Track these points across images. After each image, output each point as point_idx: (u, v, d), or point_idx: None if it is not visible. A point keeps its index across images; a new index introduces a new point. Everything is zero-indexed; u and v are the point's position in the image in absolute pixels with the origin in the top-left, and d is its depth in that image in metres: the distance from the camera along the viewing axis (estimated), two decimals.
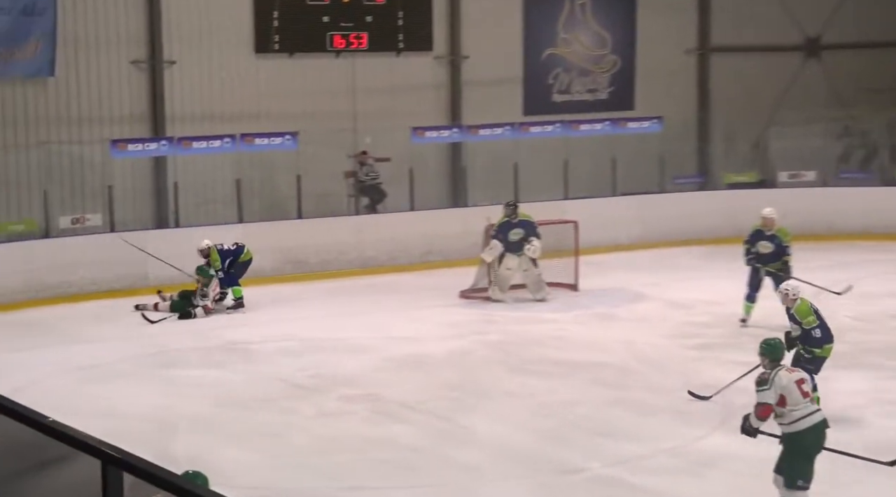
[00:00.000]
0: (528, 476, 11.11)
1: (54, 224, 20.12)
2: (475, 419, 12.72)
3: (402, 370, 14.80)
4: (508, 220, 18.67)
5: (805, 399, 9.52)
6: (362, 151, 22.79)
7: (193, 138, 21.14)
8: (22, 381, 13.88)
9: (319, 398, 13.67)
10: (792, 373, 9.77)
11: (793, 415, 9.52)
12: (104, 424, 9.82)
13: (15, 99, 20.42)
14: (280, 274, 20.65)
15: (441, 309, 18.28)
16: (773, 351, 9.94)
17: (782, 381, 9.58)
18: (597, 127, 24.19)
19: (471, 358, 15.48)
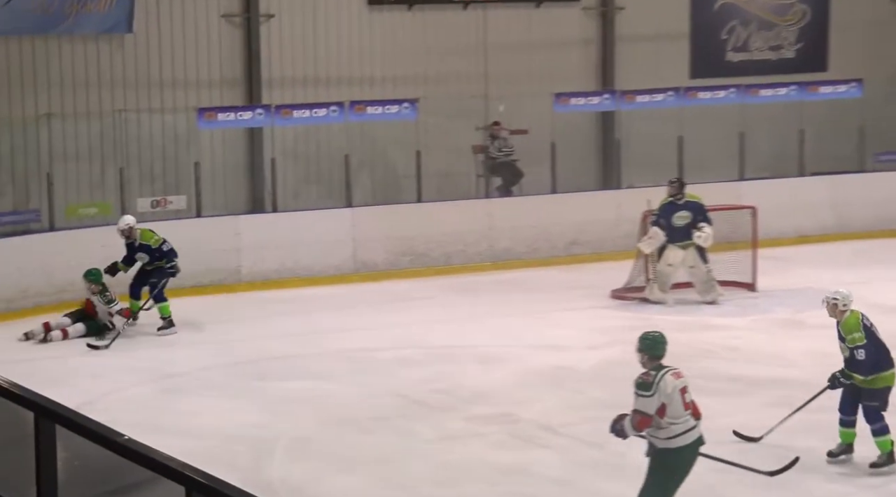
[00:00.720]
0: None
1: (131, 207, 20.40)
2: (631, 445, 12.60)
3: (542, 385, 14.73)
4: (672, 200, 18.47)
5: (686, 411, 9.54)
6: (494, 122, 22.77)
7: (294, 106, 21.31)
8: (93, 392, 14.13)
9: (443, 418, 13.67)
10: (678, 378, 9.70)
11: (672, 429, 9.55)
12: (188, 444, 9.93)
13: (87, 59, 20.79)
14: (396, 268, 20.73)
15: (589, 311, 18.17)
16: (653, 346, 9.94)
17: (667, 387, 9.56)
18: (781, 92, 23.86)
19: (625, 371, 15.25)
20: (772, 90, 23.82)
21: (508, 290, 19.63)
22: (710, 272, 18.43)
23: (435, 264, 21.06)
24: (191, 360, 16.00)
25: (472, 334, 17.09)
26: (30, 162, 20.14)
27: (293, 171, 21.88)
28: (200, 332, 17.47)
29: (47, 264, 18.72)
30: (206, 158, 21.15)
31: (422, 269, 20.89)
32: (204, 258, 19.61)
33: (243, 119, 21.39)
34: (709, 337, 16.72)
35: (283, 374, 15.66)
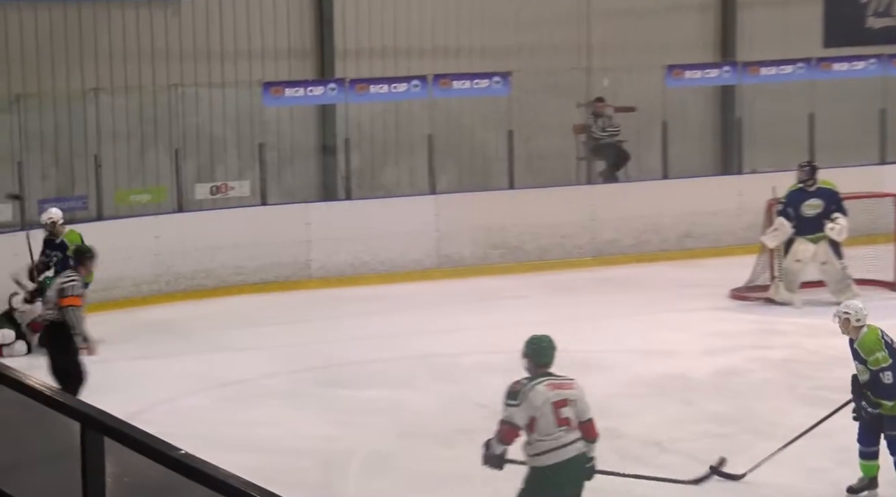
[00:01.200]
0: None
1: (188, 194, 20.60)
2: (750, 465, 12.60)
3: (649, 396, 14.73)
4: (802, 187, 18.37)
5: (560, 427, 9.58)
6: (597, 99, 22.76)
7: (371, 81, 21.36)
8: (147, 400, 14.29)
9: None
10: (554, 389, 9.74)
11: (539, 446, 9.60)
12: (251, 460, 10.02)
13: (139, 26, 20.98)
14: (484, 263, 20.80)
15: (705, 313, 18.14)
16: (539, 352, 10.10)
17: (537, 398, 9.61)
18: None
19: (746, 381, 15.31)
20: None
21: (612, 289, 19.62)
22: (844, 269, 18.30)
23: (528, 259, 21.11)
24: (252, 366, 16.11)
25: (570, 338, 16.89)
26: (76, 142, 20.31)
27: (370, 153, 21.98)
28: (264, 334, 17.57)
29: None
30: (271, 139, 21.30)
31: (513, 264, 20.95)
32: (269, 251, 19.77)
33: (314, 95, 21.49)
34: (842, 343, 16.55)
35: (357, 381, 15.75)
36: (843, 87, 23.15)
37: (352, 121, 21.75)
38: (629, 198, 21.80)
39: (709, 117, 24.25)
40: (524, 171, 21.83)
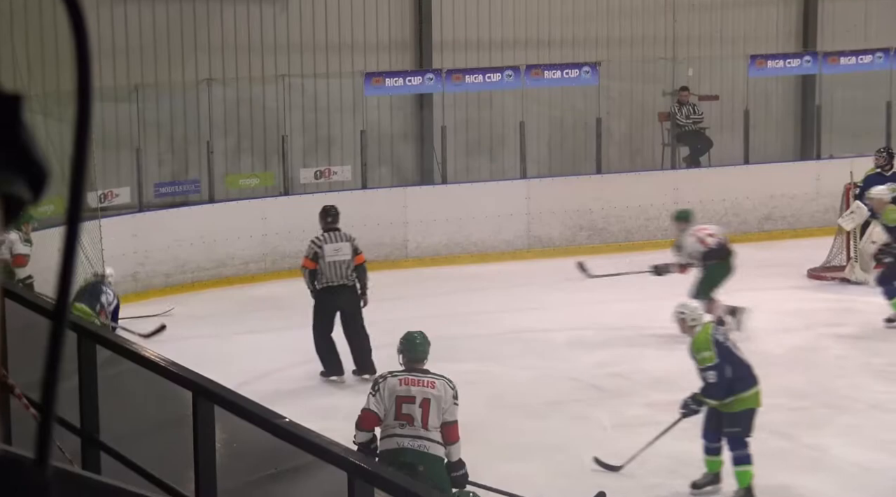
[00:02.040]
0: None
1: (295, 178, 20.73)
2: (827, 438, 12.55)
3: None
4: (880, 172, 18.24)
5: (397, 420, 9.69)
6: (682, 87, 22.66)
7: (466, 71, 21.40)
8: (254, 371, 14.42)
9: (620, 404, 13.73)
10: (405, 385, 9.81)
11: (381, 434, 9.85)
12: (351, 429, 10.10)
13: (249, 21, 21.07)
14: (572, 244, 20.78)
15: (783, 292, 18.05)
16: (411, 347, 10.23)
17: (385, 390, 9.78)
18: None
19: (822, 357, 15.24)
20: None
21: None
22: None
23: (615, 240, 21.08)
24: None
25: (654, 315, 17.01)
26: (189, 130, 20.45)
27: (464, 140, 22.00)
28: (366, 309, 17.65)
29: (207, 237, 19.09)
30: (372, 126, 21.34)
31: (600, 245, 20.91)
32: (369, 232, 19.79)
33: (412, 84, 21.57)
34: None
35: (451, 355, 15.72)
36: None
37: (448, 109, 21.77)
38: (711, 182, 21.70)
39: (789, 105, 24.07)
40: (612, 156, 21.80)
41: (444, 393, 9.98)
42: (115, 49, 19.35)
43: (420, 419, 9.84)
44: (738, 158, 22.20)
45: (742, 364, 11.37)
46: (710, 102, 22.63)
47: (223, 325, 17.13)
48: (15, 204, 0.76)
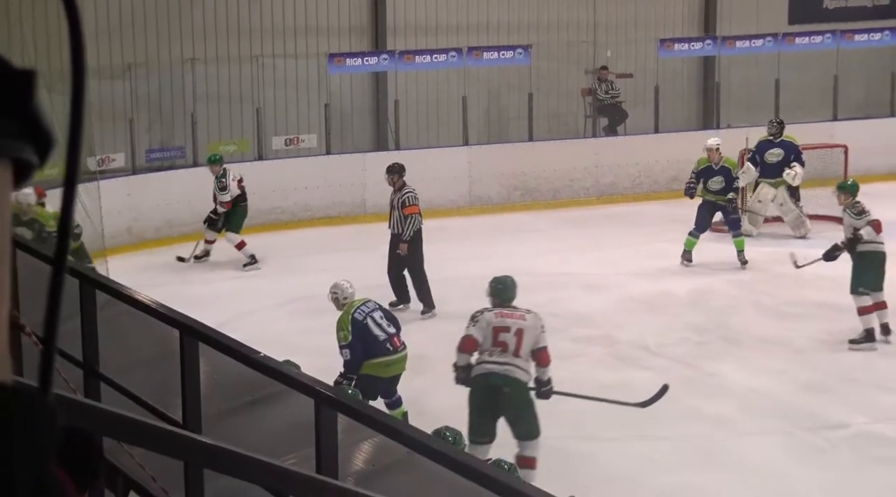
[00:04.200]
0: (784, 431, 11.05)
1: (267, 145, 20.70)
2: (724, 367, 12.66)
3: (641, 310, 14.80)
4: (770, 139, 18.36)
5: (495, 348, 9.95)
6: (602, 67, 22.67)
7: (416, 52, 21.39)
8: (231, 313, 14.40)
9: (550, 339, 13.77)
10: (499, 317, 10.13)
11: (478, 359, 10.06)
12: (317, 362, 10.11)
13: (228, 8, 20.94)
14: (508, 202, 20.83)
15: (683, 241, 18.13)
16: (502, 292, 10.54)
17: (483, 321, 10.11)
18: (875, 37, 23.47)
19: (719, 298, 15.35)
20: (866, 35, 23.46)
21: (612, 223, 19.62)
22: (799, 213, 18.29)
23: (544, 199, 21.13)
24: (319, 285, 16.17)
25: (578, 263, 17.13)
26: (175, 103, 20.38)
27: (415, 112, 21.99)
28: (328, 259, 17.64)
29: (191, 197, 19.03)
30: (335, 100, 21.31)
31: (532, 203, 20.97)
32: (332, 192, 19.88)
33: (369, 64, 21.54)
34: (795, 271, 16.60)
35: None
36: (803, 58, 23.03)
37: (400, 86, 21.75)
38: (627, 149, 21.77)
39: (693, 82, 24.11)
40: (541, 126, 21.81)
41: (534, 324, 10.22)
42: (110, 31, 19.23)
43: (513, 346, 10.02)
44: (649, 128, 22.26)
45: (376, 341, 11.11)
46: (625, 80, 22.65)
47: (205, 272, 17.09)
48: (25, 168, 0.76)
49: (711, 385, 12.24)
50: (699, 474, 10.15)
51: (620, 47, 22.82)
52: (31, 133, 0.73)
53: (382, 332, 11.23)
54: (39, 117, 0.74)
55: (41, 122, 0.74)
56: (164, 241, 18.53)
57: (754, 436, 11.00)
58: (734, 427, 11.18)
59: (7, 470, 0.64)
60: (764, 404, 11.72)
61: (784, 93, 22.58)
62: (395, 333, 11.33)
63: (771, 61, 22.82)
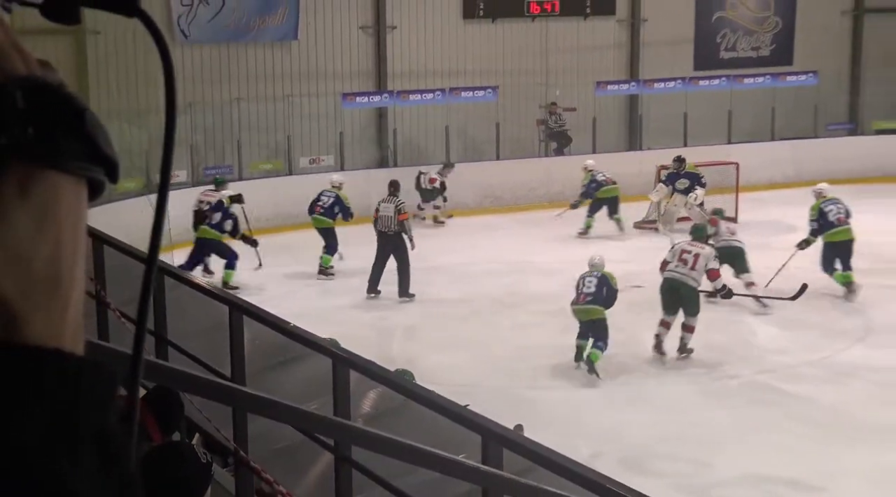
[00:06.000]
0: (693, 381, 11.11)
1: (296, 163, 20.68)
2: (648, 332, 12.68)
3: None
4: (676, 171, 18.48)
5: (679, 261, 12.03)
6: (552, 103, 22.67)
7: (410, 92, 21.38)
8: (271, 294, 14.41)
9: (516, 312, 13.82)
10: (687, 244, 12.22)
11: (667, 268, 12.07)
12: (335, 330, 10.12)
13: (265, 59, 20.95)
14: (480, 207, 20.80)
15: (617, 239, 18.16)
16: (696, 231, 12.60)
17: (677, 247, 12.42)
18: (759, 80, 23.53)
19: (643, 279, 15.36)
20: (752, 79, 23.52)
21: (561, 223, 19.61)
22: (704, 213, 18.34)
23: (507, 204, 21.10)
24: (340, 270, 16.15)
25: (536, 254, 17.15)
26: (225, 132, 20.37)
27: (408, 138, 21.96)
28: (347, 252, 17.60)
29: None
30: (347, 129, 21.27)
31: (499, 207, 20.93)
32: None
33: (374, 101, 21.52)
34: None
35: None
36: (705, 96, 23.06)
37: (398, 117, 21.74)
38: (572, 165, 21.62)
39: (621, 115, 24.11)
40: (506, 149, 21.79)
41: (710, 253, 11.97)
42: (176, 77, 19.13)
43: (691, 262, 11.74)
44: (588, 150, 22.21)
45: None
46: (570, 112, 22.63)
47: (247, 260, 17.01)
48: (97, 185, 0.72)
49: (637, 346, 12.27)
50: (625, 413, 10.20)
51: (566, 88, 22.80)
52: (91, 154, 0.70)
53: None
54: (97, 139, 0.70)
55: (99, 144, 0.70)
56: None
57: (670, 384, 11.04)
58: (654, 378, 11.22)
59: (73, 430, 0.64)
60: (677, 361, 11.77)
61: (690, 123, 22.59)
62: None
63: (681, 99, 22.82)
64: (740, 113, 23.13)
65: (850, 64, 25.45)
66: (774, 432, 9.60)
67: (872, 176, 22.54)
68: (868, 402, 10.28)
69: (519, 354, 12.00)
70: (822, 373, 11.09)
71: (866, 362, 11.26)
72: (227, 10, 20.18)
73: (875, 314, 12.82)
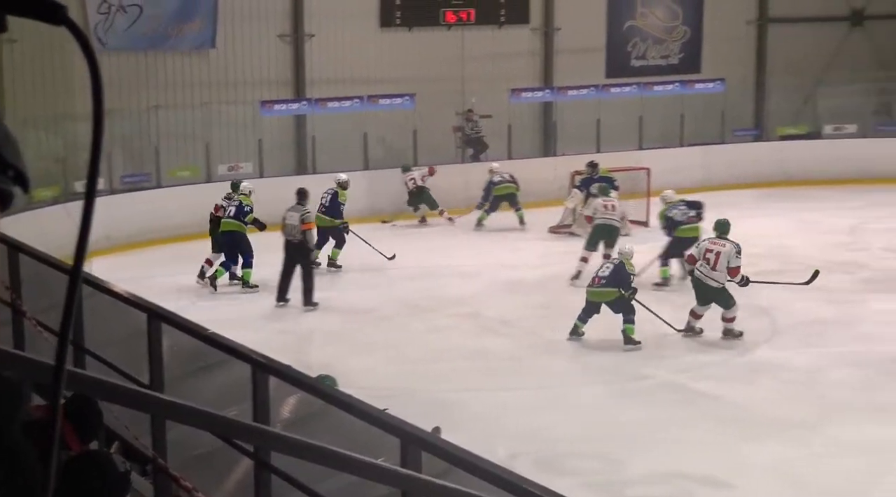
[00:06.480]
0: (606, 382, 11.21)
1: (214, 170, 20.48)
2: (561, 334, 12.79)
3: (502, 293, 14.90)
4: (590, 176, 18.68)
5: (703, 259, 12.14)
6: (468, 110, 22.76)
7: (328, 99, 21.31)
8: (186, 300, 14.25)
9: (432, 316, 13.84)
10: (710, 243, 12.29)
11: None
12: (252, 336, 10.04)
13: (183, 67, 20.75)
14: (400, 212, 20.79)
15: (534, 241, 18.31)
16: (719, 226, 12.41)
17: (701, 245, 12.45)
18: (668, 87, 23.90)
19: (558, 282, 15.51)
20: (662, 86, 23.87)
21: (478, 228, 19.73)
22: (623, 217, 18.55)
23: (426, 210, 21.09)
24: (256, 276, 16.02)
25: (454, 258, 17.20)
26: (143, 139, 20.11)
27: (328, 145, 21.88)
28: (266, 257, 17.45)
29: (156, 210, 18.84)
30: (266, 136, 21.13)
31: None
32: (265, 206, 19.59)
33: (292, 108, 21.43)
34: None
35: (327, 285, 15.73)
36: (617, 103, 23.33)
37: (317, 125, 21.64)
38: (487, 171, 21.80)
39: (536, 121, 24.29)
40: (423, 154, 21.79)
41: (730, 250, 12.00)
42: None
43: (713, 261, 11.92)
44: (504, 156, 22.34)
45: None
46: (486, 119, 22.74)
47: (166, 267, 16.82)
48: (6, 196, 0.71)
49: (551, 348, 12.36)
50: (540, 414, 10.27)
51: (482, 95, 22.89)
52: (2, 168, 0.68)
53: None
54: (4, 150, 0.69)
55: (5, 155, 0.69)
56: (135, 245, 18.23)
57: (583, 386, 11.14)
58: (568, 379, 11.31)
59: None
60: (590, 362, 11.88)
61: (603, 129, 22.85)
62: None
63: (594, 105, 23.06)
64: (651, 119, 23.45)
65: (756, 72, 25.98)
66: (685, 430, 9.75)
67: (777, 180, 23.04)
68: (773, 399, 10.50)
69: (435, 357, 12.03)
70: (731, 372, 11.30)
71: (772, 361, 11.52)
72: (144, 18, 19.92)
73: (780, 315, 13.09)
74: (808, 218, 19.33)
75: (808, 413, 9.99)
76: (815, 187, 22.57)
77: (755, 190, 22.44)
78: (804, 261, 15.60)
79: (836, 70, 25.50)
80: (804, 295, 13.90)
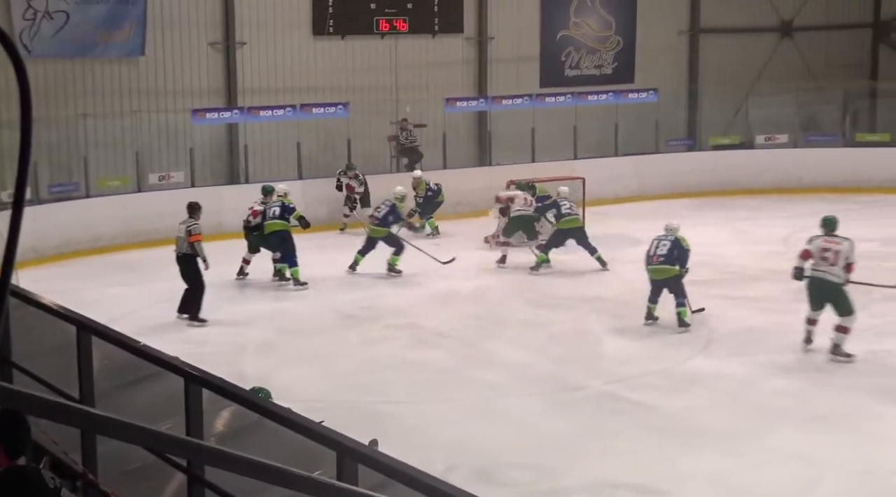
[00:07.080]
0: (541, 393, 11.24)
1: (145, 180, 20.25)
2: (496, 345, 12.83)
3: (438, 304, 14.90)
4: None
5: (821, 259, 11.83)
6: (403, 119, 22.77)
7: (261, 108, 21.20)
8: (117, 312, 14.04)
9: (368, 327, 13.80)
10: (826, 243, 11.86)
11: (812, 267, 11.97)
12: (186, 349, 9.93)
13: (112, 75, 20.49)
14: (335, 222, 20.73)
15: (469, 252, 18.32)
16: (828, 223, 12.01)
17: (814, 243, 11.95)
18: (602, 97, 24.10)
19: (492, 293, 15.57)
20: (596, 96, 24.05)
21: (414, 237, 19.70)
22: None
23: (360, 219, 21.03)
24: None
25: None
26: (71, 148, 19.81)
27: (260, 154, 21.76)
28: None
29: (85, 220, 18.59)
30: (198, 145, 20.95)
31: (352, 223, 20.83)
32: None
33: (224, 117, 21.23)
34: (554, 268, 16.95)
35: (254, 296, 15.67)
36: (551, 112, 23.48)
37: (249, 134, 21.50)
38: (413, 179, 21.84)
39: (471, 131, 24.37)
40: (358, 164, 21.69)
41: (848, 247, 11.75)
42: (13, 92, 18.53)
43: (832, 259, 11.70)
44: (439, 165, 22.40)
45: None
46: (420, 128, 22.76)
47: (96, 279, 16.61)
48: None
49: (486, 359, 12.38)
50: (476, 426, 10.27)
51: (417, 104, 22.93)
52: None
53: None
54: None
55: None
56: (64, 256, 17.97)
57: (518, 396, 11.17)
58: (503, 390, 11.33)
59: None
60: (526, 373, 11.91)
61: (538, 138, 22.98)
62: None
63: (528, 115, 23.19)
64: (585, 129, 23.65)
65: (688, 82, 26.35)
66: (620, 440, 9.82)
67: (710, 189, 23.37)
68: (708, 408, 10.61)
69: (370, 369, 12.00)
70: (666, 382, 11.39)
71: (707, 370, 11.63)
72: (71, 25, 19.64)
73: (716, 324, 13.24)
74: (743, 227, 19.63)
75: (744, 422, 10.10)
76: (749, 197, 22.95)
77: (689, 199, 22.74)
78: (740, 270, 15.89)
79: (766, 81, 26.00)
80: (739, 304, 14.10)
